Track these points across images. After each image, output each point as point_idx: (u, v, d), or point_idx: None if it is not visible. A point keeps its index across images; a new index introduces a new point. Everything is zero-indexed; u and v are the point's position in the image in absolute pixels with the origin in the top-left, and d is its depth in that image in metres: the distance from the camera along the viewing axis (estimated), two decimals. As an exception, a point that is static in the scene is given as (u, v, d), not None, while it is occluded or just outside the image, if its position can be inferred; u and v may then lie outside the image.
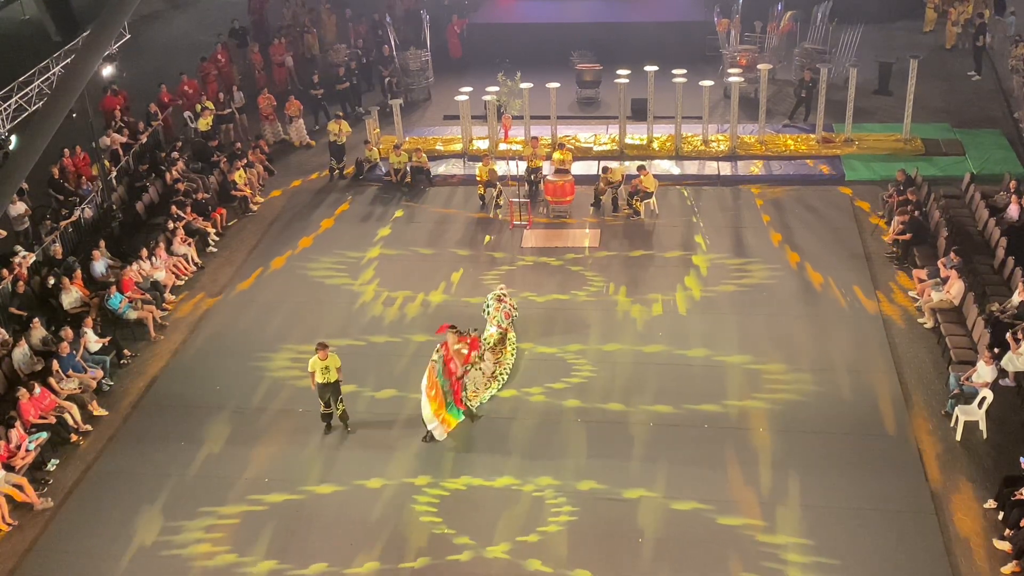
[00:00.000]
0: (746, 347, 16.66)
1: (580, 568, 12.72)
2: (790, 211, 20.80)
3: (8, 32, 31.06)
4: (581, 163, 22.69)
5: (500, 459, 14.60)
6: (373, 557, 13.05)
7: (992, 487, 13.43)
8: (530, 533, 13.26)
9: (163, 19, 32.28)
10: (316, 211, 22.09)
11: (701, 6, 29.56)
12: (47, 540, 13.73)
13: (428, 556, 13.03)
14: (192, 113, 25.13)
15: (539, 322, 17.63)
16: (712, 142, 23.37)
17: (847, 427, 14.80)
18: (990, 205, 19.16)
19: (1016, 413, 14.83)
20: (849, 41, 25.76)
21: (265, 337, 17.76)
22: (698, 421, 15.10)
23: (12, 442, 14.46)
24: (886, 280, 18.24)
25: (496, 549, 13.05)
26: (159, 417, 15.98)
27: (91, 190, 21.21)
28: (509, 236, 20.56)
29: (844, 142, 22.87)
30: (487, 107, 23.44)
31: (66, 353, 16.22)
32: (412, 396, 15.58)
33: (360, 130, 24.75)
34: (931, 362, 16.05)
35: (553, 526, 13.37)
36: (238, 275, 19.80)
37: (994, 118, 23.96)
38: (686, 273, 18.82)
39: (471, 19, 30.03)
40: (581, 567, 12.74)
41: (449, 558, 12.99)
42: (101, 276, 18.85)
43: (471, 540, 13.22)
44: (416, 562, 12.95)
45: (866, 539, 12.88)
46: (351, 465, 14.64)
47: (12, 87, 18.70)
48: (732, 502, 13.57)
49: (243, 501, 14.11)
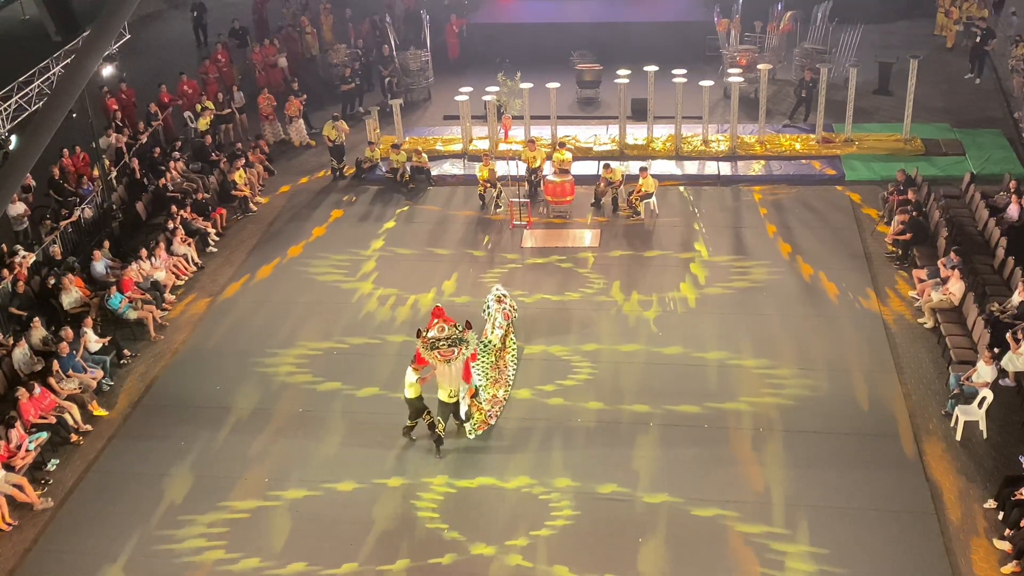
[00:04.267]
0: (746, 347, 16.66)
1: (580, 568, 12.72)
2: (790, 211, 20.81)
3: (8, 32, 31.08)
4: (581, 163, 22.69)
5: (500, 459, 14.61)
6: (373, 556, 13.05)
7: (992, 487, 13.43)
8: (530, 533, 13.26)
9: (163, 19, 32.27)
10: (316, 211, 22.09)
11: (701, 6, 29.56)
12: (47, 540, 13.73)
13: (428, 556, 13.03)
14: (192, 113, 25.13)
15: (539, 322, 17.63)
16: (712, 142, 23.37)
17: (847, 427, 14.80)
18: (990, 205, 19.16)
19: (1016, 413, 14.83)
20: (849, 41, 25.77)
21: (265, 337, 17.76)
22: (698, 421, 15.10)
23: (12, 442, 14.46)
24: (886, 280, 18.24)
25: (496, 549, 13.06)
26: (159, 417, 15.99)
27: (91, 190, 21.21)
28: (509, 236, 20.56)
29: (844, 142, 22.86)
30: (487, 107, 23.44)
31: (66, 353, 16.22)
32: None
33: (360, 130, 24.75)
34: (931, 362, 16.05)
35: (552, 528, 13.36)
36: (238, 275, 19.80)
37: (994, 118, 23.96)
38: (686, 273, 18.82)
39: (471, 19, 30.03)
40: (581, 567, 12.74)
41: (449, 558, 12.99)
42: (101, 276, 18.86)
43: (471, 540, 13.22)
44: (416, 562, 12.94)
45: (866, 539, 12.88)
46: (352, 465, 14.63)
47: (12, 87, 18.70)
48: (732, 502, 13.56)
49: (243, 501, 14.12)
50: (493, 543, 13.16)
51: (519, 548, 13.06)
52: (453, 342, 14.28)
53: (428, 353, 14.33)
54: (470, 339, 14.56)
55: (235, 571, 13.02)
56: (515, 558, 12.92)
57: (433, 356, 14.28)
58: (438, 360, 14.26)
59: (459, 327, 14.53)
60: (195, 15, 30.90)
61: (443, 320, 14.56)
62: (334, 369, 16.77)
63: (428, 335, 14.36)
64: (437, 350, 14.24)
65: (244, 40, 29.37)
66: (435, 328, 14.38)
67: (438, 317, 14.53)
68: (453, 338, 14.31)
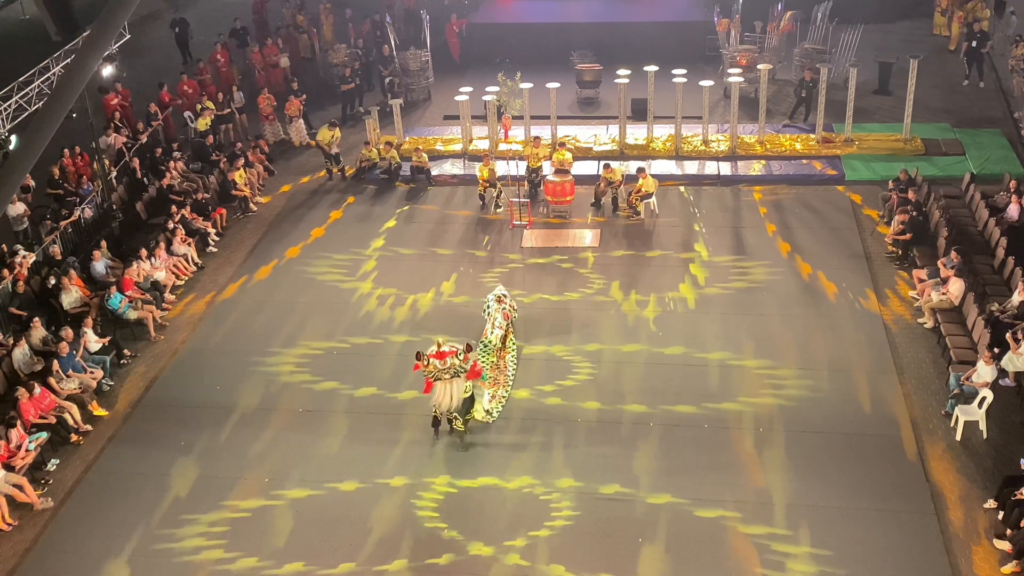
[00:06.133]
0: (746, 347, 16.66)
1: (580, 568, 12.72)
2: (790, 211, 20.81)
3: (8, 32, 31.06)
4: (581, 163, 22.69)
5: (500, 459, 14.61)
6: (373, 556, 13.05)
7: (992, 487, 13.43)
8: (530, 533, 13.26)
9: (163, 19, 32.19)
10: (316, 211, 22.09)
11: (701, 6, 29.54)
12: (47, 540, 13.73)
13: (428, 556, 13.03)
14: (192, 113, 25.13)
15: (539, 322, 17.63)
16: (712, 142, 23.37)
17: (847, 427, 14.80)
18: (990, 205, 19.16)
19: (1016, 413, 14.83)
20: (849, 41, 25.75)
21: (265, 336, 17.76)
22: (698, 421, 15.10)
23: (12, 442, 14.46)
24: (886, 280, 18.24)
25: (495, 549, 13.05)
26: (159, 417, 15.98)
27: (91, 190, 21.21)
28: (509, 236, 20.56)
29: (844, 142, 22.86)
30: (487, 107, 23.44)
31: (66, 353, 16.21)
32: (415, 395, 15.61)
33: (360, 130, 24.74)
34: (931, 362, 16.06)
35: (552, 528, 13.36)
36: (238, 275, 19.80)
37: (994, 118, 23.95)
38: (686, 273, 18.82)
39: (471, 19, 30.00)
40: (581, 567, 12.74)
41: (447, 558, 12.99)
42: (101, 276, 18.85)
43: (471, 540, 13.22)
44: (416, 562, 12.95)
45: (866, 539, 12.88)
46: (353, 465, 14.64)
47: (12, 87, 18.69)
48: (732, 502, 13.56)
49: (244, 501, 14.12)
50: (493, 543, 13.15)
51: (518, 548, 13.06)
52: (455, 373, 14.65)
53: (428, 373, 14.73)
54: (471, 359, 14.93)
55: (235, 571, 13.02)
56: (514, 558, 12.92)
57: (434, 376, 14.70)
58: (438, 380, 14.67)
59: (460, 354, 14.68)
60: (177, 32, 29.44)
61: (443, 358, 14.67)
62: (334, 369, 16.77)
63: (430, 363, 14.61)
64: (438, 379, 14.65)
65: (244, 40, 29.34)
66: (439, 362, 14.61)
67: (439, 359, 14.64)
68: (456, 369, 14.64)
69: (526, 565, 12.82)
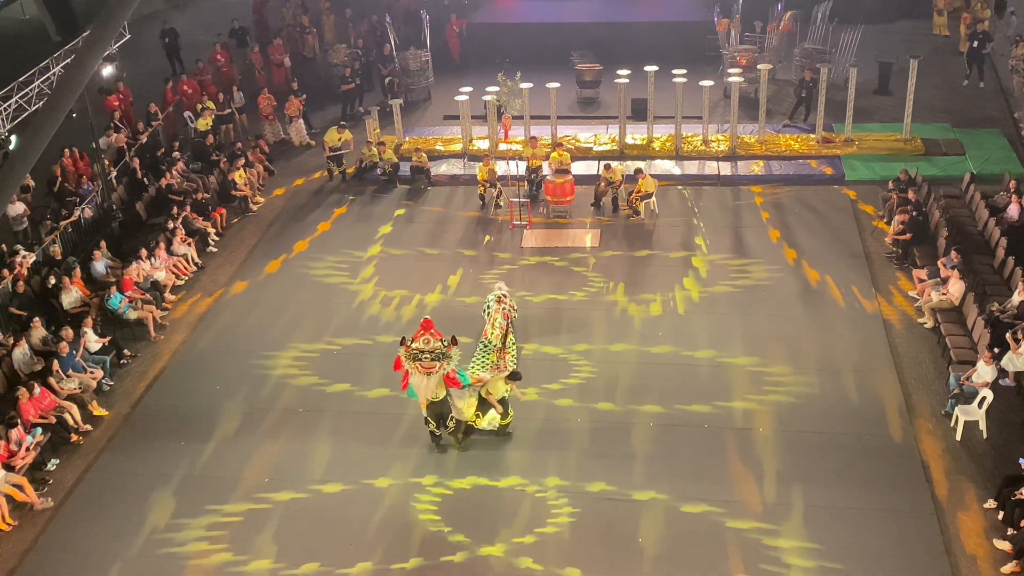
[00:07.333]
0: (746, 347, 16.66)
1: (580, 568, 12.73)
2: (790, 211, 20.81)
3: (8, 32, 31.04)
4: (581, 163, 22.69)
5: (500, 459, 14.61)
6: (373, 557, 13.04)
7: (992, 487, 13.43)
8: (530, 533, 13.26)
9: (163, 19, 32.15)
10: (316, 211, 22.08)
11: (701, 6, 29.53)
12: (47, 540, 13.72)
13: (428, 556, 13.03)
14: (192, 113, 25.13)
15: (539, 322, 17.63)
16: (712, 142, 23.37)
17: (847, 427, 14.80)
18: (990, 205, 19.16)
19: (1016, 413, 14.83)
20: (849, 41, 25.75)
21: (265, 337, 17.76)
22: (698, 421, 15.10)
23: (12, 442, 14.46)
24: (886, 280, 18.24)
25: (495, 549, 13.05)
26: (159, 417, 15.98)
27: (91, 190, 21.21)
28: (509, 236, 20.56)
29: (844, 142, 22.87)
30: (487, 107, 23.44)
31: (66, 353, 16.21)
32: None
33: (360, 130, 24.74)
34: (931, 362, 16.05)
35: (552, 527, 13.36)
36: (238, 275, 19.79)
37: (994, 118, 23.95)
38: (686, 273, 18.82)
39: (471, 19, 30.00)
40: (581, 567, 12.74)
41: (447, 558, 12.99)
42: (101, 276, 18.85)
43: (471, 540, 13.22)
44: (416, 562, 12.94)
45: (866, 539, 12.88)
46: (353, 465, 14.63)
47: (12, 87, 18.69)
48: (732, 502, 13.56)
49: (243, 501, 14.11)
50: (492, 543, 13.14)
51: (518, 548, 13.05)
52: (436, 356, 14.20)
53: (409, 363, 14.32)
54: (453, 355, 14.38)
55: (235, 571, 13.01)
56: (513, 558, 12.91)
57: (413, 366, 14.28)
58: (417, 370, 14.26)
59: (445, 342, 14.33)
60: (166, 41, 28.65)
61: (430, 334, 14.39)
62: (334, 369, 16.76)
63: (412, 345, 14.28)
64: (419, 362, 14.21)
65: (244, 40, 29.34)
66: (421, 340, 14.29)
67: (426, 330, 14.38)
68: (436, 352, 14.21)
69: (528, 566, 12.78)
